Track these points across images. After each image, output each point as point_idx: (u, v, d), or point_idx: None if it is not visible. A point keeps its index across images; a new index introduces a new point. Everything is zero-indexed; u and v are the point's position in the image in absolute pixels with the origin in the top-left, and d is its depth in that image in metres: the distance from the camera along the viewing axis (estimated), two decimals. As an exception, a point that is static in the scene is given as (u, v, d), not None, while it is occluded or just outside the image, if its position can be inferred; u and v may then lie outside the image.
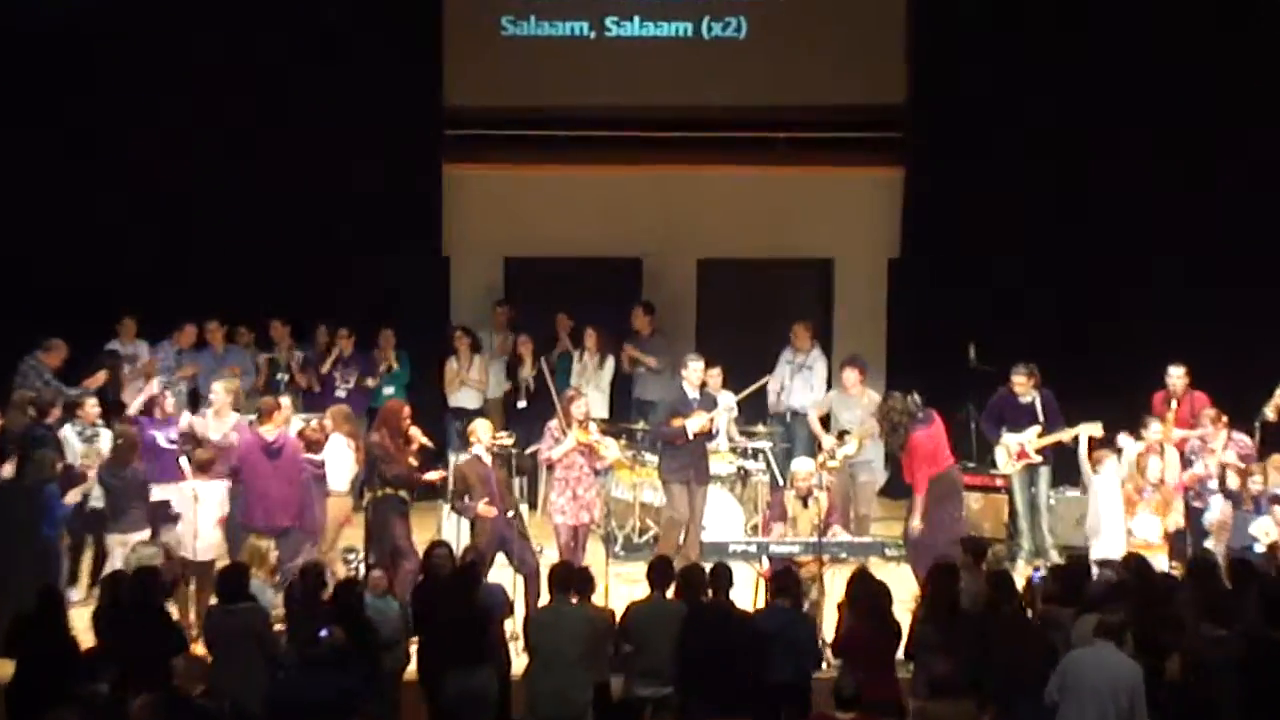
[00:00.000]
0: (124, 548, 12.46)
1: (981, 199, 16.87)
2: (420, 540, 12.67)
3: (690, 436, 13.88)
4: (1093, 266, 16.75)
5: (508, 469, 13.19)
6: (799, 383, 16.07)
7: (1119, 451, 13.64)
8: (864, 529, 14.47)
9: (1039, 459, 14.70)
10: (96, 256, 16.38)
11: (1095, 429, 14.07)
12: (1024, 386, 14.67)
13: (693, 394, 14.11)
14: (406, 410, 13.35)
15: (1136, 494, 13.21)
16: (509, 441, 13.19)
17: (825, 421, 14.87)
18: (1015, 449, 14.69)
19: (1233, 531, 13.38)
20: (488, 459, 13.01)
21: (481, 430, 13.18)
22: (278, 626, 11.01)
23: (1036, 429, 14.63)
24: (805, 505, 12.74)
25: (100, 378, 14.81)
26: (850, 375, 14.67)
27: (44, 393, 13.80)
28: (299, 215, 16.73)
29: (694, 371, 14.14)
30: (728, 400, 14.89)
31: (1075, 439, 14.08)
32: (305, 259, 16.66)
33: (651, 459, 14.72)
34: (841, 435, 14.32)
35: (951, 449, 13.65)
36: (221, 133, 16.58)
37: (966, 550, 11.81)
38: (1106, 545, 13.03)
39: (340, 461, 13.43)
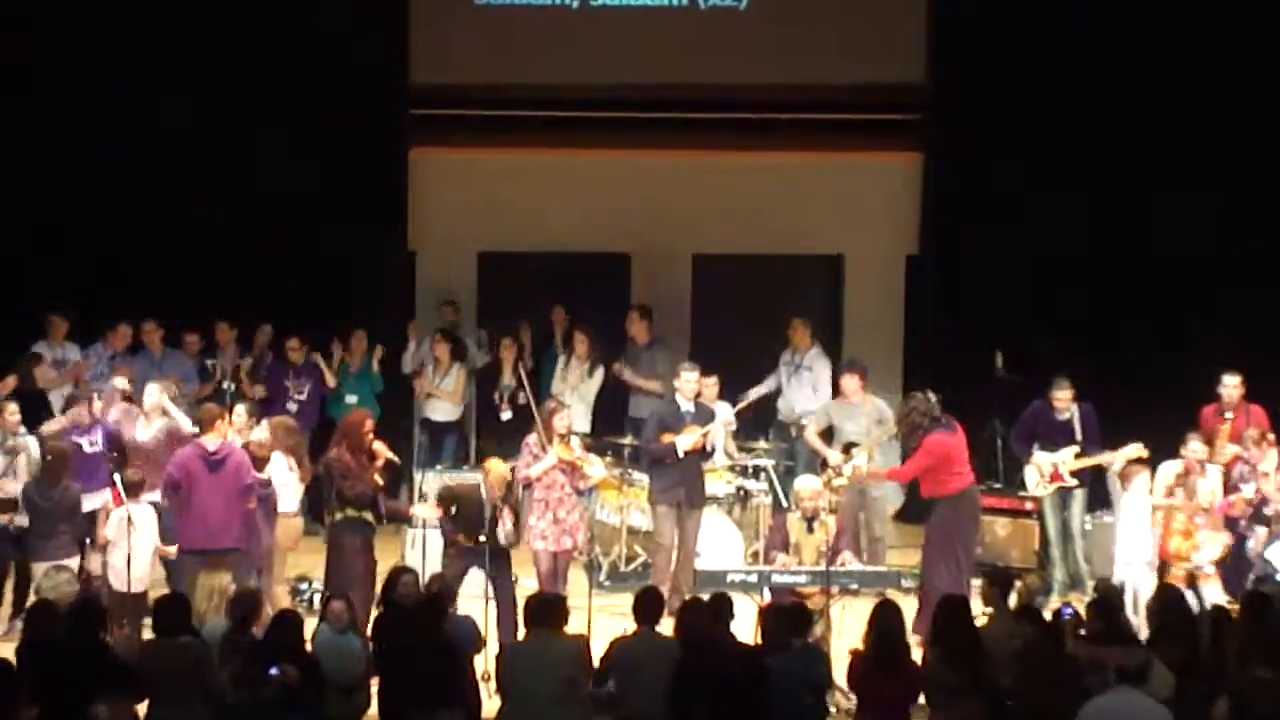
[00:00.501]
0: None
1: (1009, 189, 16.84)
2: (383, 567, 12.65)
3: (680, 455, 13.83)
4: (1134, 263, 16.67)
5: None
6: (797, 385, 16.09)
7: (1152, 469, 13.69)
8: (878, 555, 14.45)
9: (1073, 482, 14.67)
10: (28, 251, 16.39)
11: (1138, 452, 14.10)
12: (1064, 402, 14.59)
13: (686, 407, 14.02)
14: (369, 423, 13.23)
15: (1191, 521, 13.23)
16: (505, 531, 12.97)
17: (828, 436, 14.86)
18: (1048, 470, 14.66)
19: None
20: (488, 509, 12.86)
21: (495, 475, 12.91)
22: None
23: (1073, 449, 14.59)
24: (810, 530, 12.66)
25: (9, 383, 14.66)
26: (850, 381, 14.62)
27: None
28: (246, 206, 16.64)
29: (687, 382, 14.05)
30: (725, 413, 14.88)
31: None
32: (254, 254, 16.59)
33: (641, 479, 14.64)
34: (848, 448, 14.25)
35: (975, 468, 13.67)
36: (156, 114, 16.53)
37: (992, 583, 11.80)
38: (1132, 572, 13.10)
39: (284, 480, 13.34)
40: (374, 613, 11.81)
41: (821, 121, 17.38)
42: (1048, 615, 11.41)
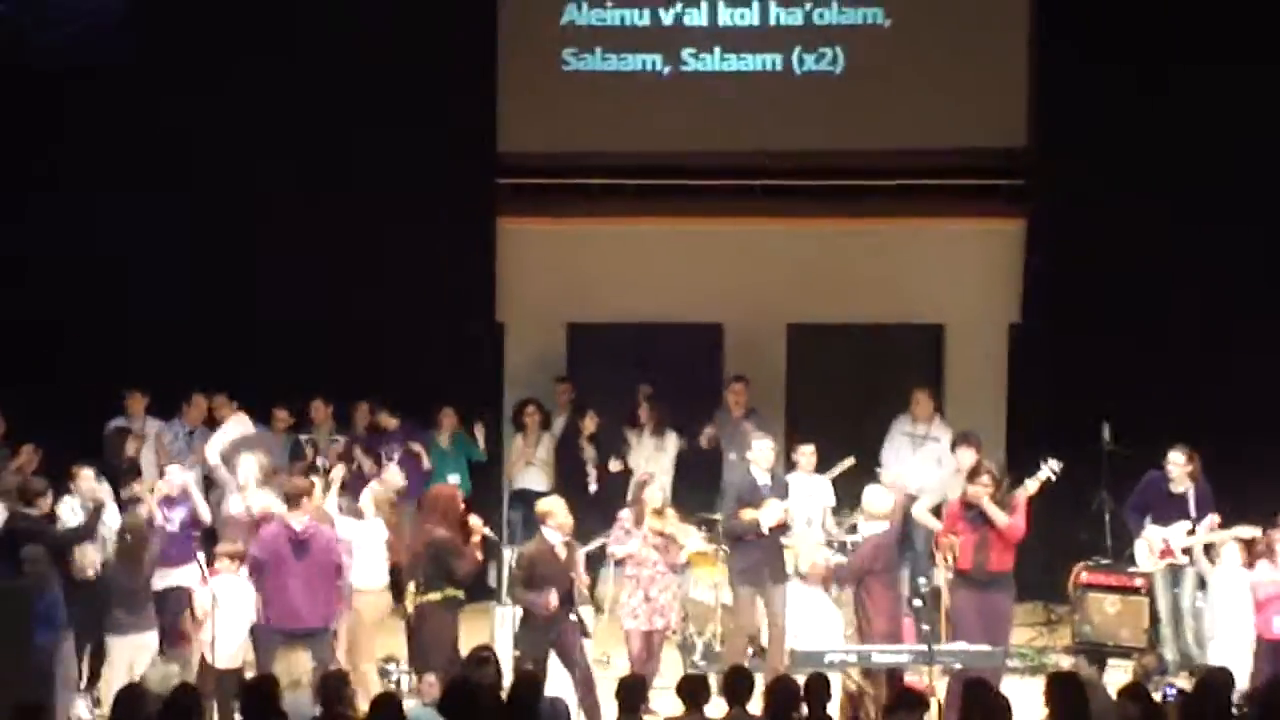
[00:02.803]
0: (132, 650, 12.56)
1: (1117, 255, 16.70)
2: (471, 643, 12.67)
3: (766, 531, 13.76)
4: (1250, 332, 16.48)
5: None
6: (921, 457, 16.07)
7: (1251, 544, 13.53)
8: None
9: (1184, 559, 14.44)
10: (112, 327, 16.54)
11: (1251, 532, 13.91)
12: (1179, 471, 14.40)
13: (763, 479, 13.93)
14: (460, 495, 13.37)
15: None
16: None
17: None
18: (1159, 545, 14.51)
19: None
20: (562, 550, 12.91)
21: (557, 511, 13.03)
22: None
23: (1186, 525, 14.41)
24: None
25: (27, 453, 14.57)
26: (967, 455, 14.59)
27: (31, 480, 13.61)
28: (332, 278, 16.76)
29: (762, 453, 13.96)
30: (824, 488, 14.88)
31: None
32: (340, 328, 16.68)
33: (735, 554, 14.62)
34: None
35: (1083, 543, 13.57)
36: (243, 181, 16.65)
37: (1091, 662, 11.70)
38: (1224, 653, 12.96)
39: (377, 553, 13.37)
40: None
41: (920, 187, 17.30)
42: (1158, 696, 11.28)
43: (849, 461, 15.27)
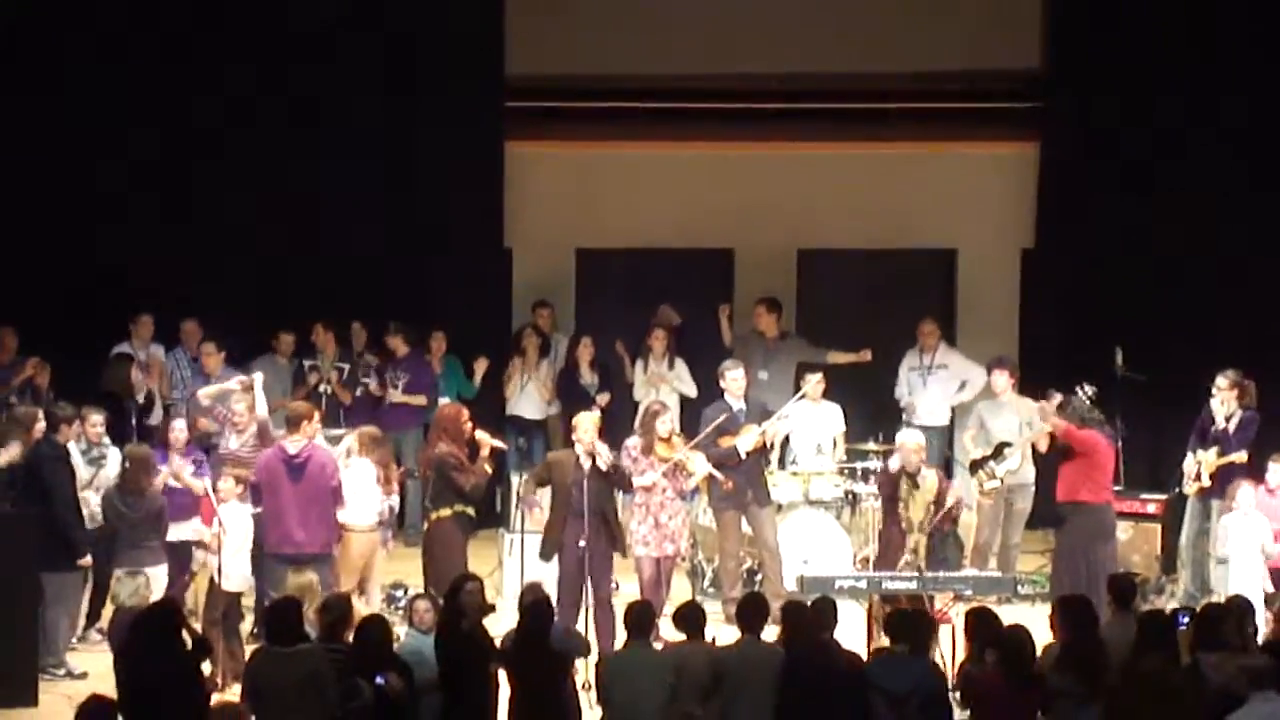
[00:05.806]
0: (134, 583, 12.47)
1: (1131, 178, 16.72)
2: (481, 571, 12.64)
3: (744, 456, 13.86)
4: (1265, 258, 16.40)
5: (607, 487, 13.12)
6: (932, 387, 16.11)
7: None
8: (1009, 561, 14.48)
9: (1209, 484, 14.18)
10: (114, 248, 16.51)
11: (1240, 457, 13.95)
12: (1223, 396, 14.15)
13: (739, 405, 14.07)
14: (465, 414, 13.34)
15: None
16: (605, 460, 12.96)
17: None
18: (1191, 470, 14.31)
19: None
20: (586, 464, 12.91)
21: (586, 427, 13.00)
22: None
23: (1216, 449, 14.20)
24: (916, 485, 12.95)
25: (34, 365, 14.47)
26: (1000, 379, 14.65)
27: (55, 407, 13.33)
28: (337, 202, 16.73)
29: (734, 381, 14.09)
30: (834, 415, 14.90)
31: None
32: (346, 253, 16.68)
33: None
34: (1000, 449, 14.24)
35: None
36: (250, 110, 16.64)
37: (1110, 590, 11.68)
38: (1243, 584, 12.93)
39: (366, 492, 13.28)
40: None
41: (932, 110, 17.25)
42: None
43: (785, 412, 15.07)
